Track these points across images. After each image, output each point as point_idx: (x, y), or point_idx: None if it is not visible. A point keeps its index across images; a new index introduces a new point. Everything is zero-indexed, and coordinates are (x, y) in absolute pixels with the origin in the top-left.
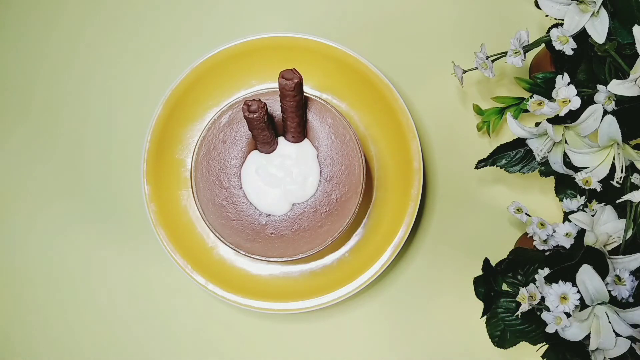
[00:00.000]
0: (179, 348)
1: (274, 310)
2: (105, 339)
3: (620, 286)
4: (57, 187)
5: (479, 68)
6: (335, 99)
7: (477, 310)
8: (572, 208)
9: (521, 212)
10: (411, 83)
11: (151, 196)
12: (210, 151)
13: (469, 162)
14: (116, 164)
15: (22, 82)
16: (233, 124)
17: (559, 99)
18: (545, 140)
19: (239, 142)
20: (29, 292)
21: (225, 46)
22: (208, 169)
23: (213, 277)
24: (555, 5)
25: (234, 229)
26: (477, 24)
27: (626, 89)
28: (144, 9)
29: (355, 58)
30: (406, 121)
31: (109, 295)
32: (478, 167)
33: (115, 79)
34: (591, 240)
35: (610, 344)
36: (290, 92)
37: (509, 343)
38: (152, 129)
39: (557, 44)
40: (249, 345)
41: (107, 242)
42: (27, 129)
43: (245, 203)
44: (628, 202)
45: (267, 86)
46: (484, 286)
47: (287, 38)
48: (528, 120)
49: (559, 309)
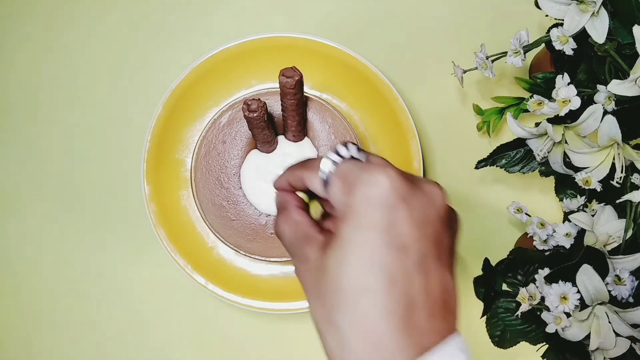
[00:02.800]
0: (179, 348)
1: (274, 310)
2: (105, 339)
3: (620, 286)
4: (56, 187)
5: (479, 68)
6: (335, 99)
7: (477, 310)
8: (572, 208)
9: (521, 212)
10: (411, 83)
11: (151, 196)
12: (210, 151)
13: (469, 162)
14: (116, 164)
15: (24, 82)
16: (233, 124)
17: (559, 99)
18: (545, 140)
19: (239, 142)
20: (29, 292)
21: (225, 46)
22: (208, 169)
23: (213, 277)
24: (555, 5)
25: (234, 229)
26: (477, 24)
27: (626, 89)
28: (144, 10)
29: (355, 58)
30: (406, 121)
31: (108, 295)
32: (478, 167)
33: (116, 79)
34: (591, 240)
35: (610, 344)
36: (291, 90)
37: (509, 343)
38: (152, 129)
39: (557, 44)
40: (249, 345)
41: (107, 242)
42: (27, 129)
43: (245, 203)
44: (628, 202)
45: (267, 86)
46: (484, 286)
47: (287, 38)
48: (528, 120)
49: (559, 309)
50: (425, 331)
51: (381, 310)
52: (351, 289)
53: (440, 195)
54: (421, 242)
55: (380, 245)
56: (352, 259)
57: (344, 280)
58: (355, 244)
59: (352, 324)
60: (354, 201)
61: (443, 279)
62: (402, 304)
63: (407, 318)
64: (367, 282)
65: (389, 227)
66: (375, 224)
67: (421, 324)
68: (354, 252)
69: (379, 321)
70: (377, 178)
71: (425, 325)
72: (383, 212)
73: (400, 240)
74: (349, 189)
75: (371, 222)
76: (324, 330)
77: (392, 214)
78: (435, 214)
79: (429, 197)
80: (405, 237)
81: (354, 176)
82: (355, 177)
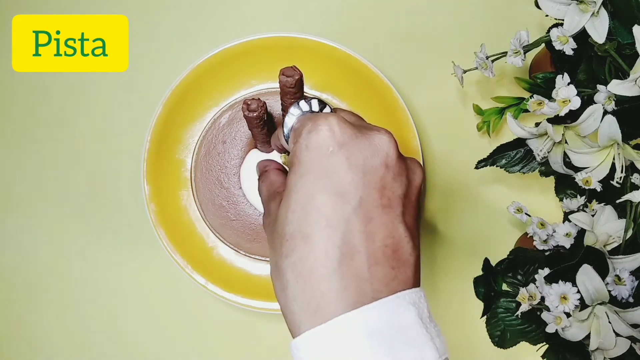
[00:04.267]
0: (179, 348)
1: (274, 310)
2: (104, 339)
3: (620, 286)
4: (56, 187)
5: (479, 68)
6: (335, 98)
7: (477, 310)
8: (572, 208)
9: (521, 212)
10: (411, 83)
11: (151, 196)
12: (210, 151)
13: (469, 162)
14: (116, 164)
15: (24, 82)
16: (233, 123)
17: (559, 99)
18: (545, 140)
19: (239, 142)
20: (29, 292)
21: (225, 46)
22: (208, 169)
23: (213, 277)
24: (555, 5)
25: (234, 229)
26: (478, 24)
27: (626, 89)
28: (144, 10)
29: (355, 58)
30: (406, 121)
31: (108, 295)
32: (478, 167)
33: (116, 78)
34: (591, 240)
35: (610, 344)
36: (291, 89)
37: (509, 343)
38: (152, 129)
39: (557, 44)
40: (249, 345)
41: (107, 242)
42: (27, 129)
43: (245, 203)
44: (628, 202)
45: (267, 86)
46: (484, 286)
47: (287, 38)
48: (528, 120)
49: (559, 309)
50: (366, 278)
51: (318, 254)
52: (292, 234)
53: (387, 142)
54: (361, 189)
55: (317, 190)
56: (293, 206)
57: (286, 226)
58: (297, 191)
59: (292, 268)
60: (297, 150)
61: (389, 226)
62: (339, 249)
63: (344, 263)
64: (305, 228)
65: (327, 173)
66: (313, 170)
67: (361, 271)
68: (296, 199)
69: (315, 265)
70: (318, 126)
71: (365, 273)
72: (320, 158)
73: (338, 186)
74: (295, 139)
75: (309, 168)
76: (273, 276)
77: (329, 160)
78: (379, 161)
79: (373, 144)
80: (344, 183)
81: (301, 126)
82: (302, 127)
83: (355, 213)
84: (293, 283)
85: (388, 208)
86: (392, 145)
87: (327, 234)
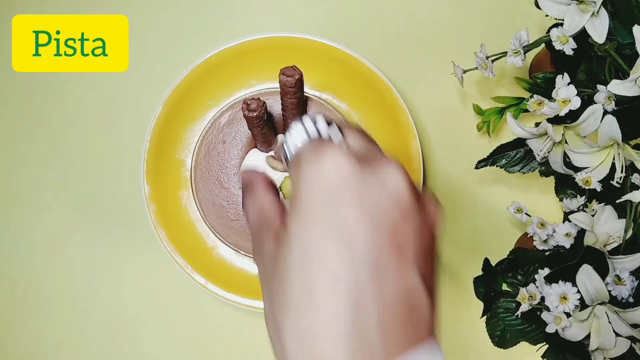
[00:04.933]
0: (178, 348)
1: None
2: (104, 339)
3: (620, 286)
4: (56, 187)
5: (479, 68)
6: (335, 99)
7: (477, 310)
8: (572, 208)
9: (521, 212)
10: (411, 83)
11: (151, 196)
12: (210, 151)
13: (469, 162)
14: (116, 164)
15: (24, 82)
16: (233, 123)
17: (559, 99)
18: (545, 140)
19: (239, 142)
20: (29, 292)
21: (225, 46)
22: (208, 169)
23: (213, 277)
24: (555, 5)
25: (234, 229)
26: (477, 24)
27: (626, 89)
28: (144, 10)
29: (355, 58)
30: (406, 121)
31: (108, 295)
32: (478, 167)
33: (116, 79)
34: (591, 240)
35: (610, 344)
36: (291, 89)
37: (509, 343)
38: (152, 129)
39: (557, 44)
40: (249, 345)
41: (107, 242)
42: (27, 129)
43: None
44: (628, 202)
45: (267, 86)
46: (484, 286)
47: (287, 38)
48: (528, 120)
49: (559, 309)
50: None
51: (325, 318)
52: (295, 294)
53: (398, 178)
54: (370, 234)
55: (321, 237)
56: (297, 259)
57: (287, 283)
58: (301, 241)
59: (294, 334)
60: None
61: (404, 279)
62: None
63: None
64: (310, 281)
65: (331, 215)
66: (315, 212)
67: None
68: (297, 246)
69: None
70: (322, 162)
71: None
72: (324, 199)
73: (344, 232)
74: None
75: (311, 210)
76: (269, 328)
77: (337, 204)
78: (389, 203)
79: (383, 180)
80: (350, 228)
81: (304, 159)
82: (304, 158)
83: (364, 264)
84: (295, 351)
85: (402, 256)
86: (403, 181)
87: (334, 293)
